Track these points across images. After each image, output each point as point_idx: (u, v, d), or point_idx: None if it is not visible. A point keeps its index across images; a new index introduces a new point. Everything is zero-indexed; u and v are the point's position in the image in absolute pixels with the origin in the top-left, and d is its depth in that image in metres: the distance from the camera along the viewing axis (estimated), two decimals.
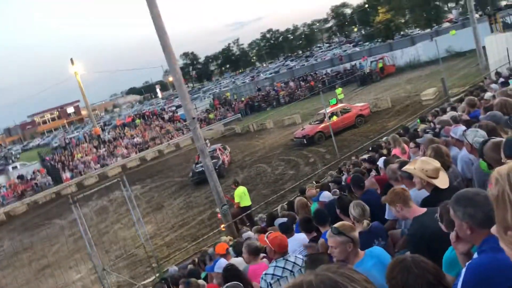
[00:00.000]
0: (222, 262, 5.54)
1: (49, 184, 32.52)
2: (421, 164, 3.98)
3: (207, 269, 5.88)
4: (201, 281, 6.01)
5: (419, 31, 59.92)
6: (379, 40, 62.80)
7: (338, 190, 6.54)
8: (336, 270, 0.95)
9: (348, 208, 4.40)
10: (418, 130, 8.91)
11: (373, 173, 7.44)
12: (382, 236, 4.17)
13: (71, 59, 41.73)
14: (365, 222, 3.92)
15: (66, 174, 32.76)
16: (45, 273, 16.28)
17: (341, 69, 43.61)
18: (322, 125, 22.21)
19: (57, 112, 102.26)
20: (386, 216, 4.96)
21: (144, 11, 11.63)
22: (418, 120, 10.68)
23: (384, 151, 9.81)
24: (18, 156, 64.61)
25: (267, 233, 4.69)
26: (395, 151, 7.81)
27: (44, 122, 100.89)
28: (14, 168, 40.05)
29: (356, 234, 3.19)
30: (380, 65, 37.30)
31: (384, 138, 11.87)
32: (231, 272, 4.54)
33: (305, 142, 22.08)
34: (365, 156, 10.76)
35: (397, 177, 5.07)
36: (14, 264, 18.63)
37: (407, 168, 4.21)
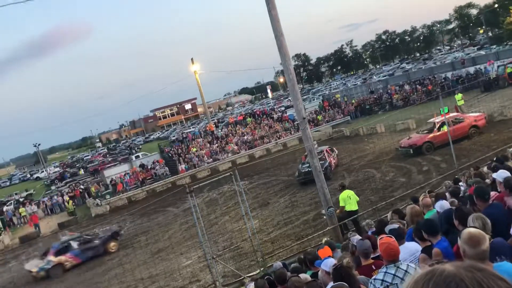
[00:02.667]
0: (330, 262, 5.55)
1: (166, 174, 35.10)
2: None
3: (317, 263, 5.96)
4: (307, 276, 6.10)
5: None
6: (509, 43, 57.31)
7: (456, 201, 6.15)
8: (473, 271, 0.85)
9: (467, 220, 4.16)
10: None
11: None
12: (506, 253, 3.86)
13: (192, 59, 44.45)
14: (487, 236, 3.67)
15: (182, 166, 35.07)
16: (159, 256, 17.64)
17: (463, 73, 40.56)
18: (431, 134, 20.94)
19: (176, 108, 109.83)
20: (511, 232, 4.58)
21: (260, 13, 12.05)
22: None
23: (510, 163, 8.98)
24: (140, 147, 70.64)
25: (381, 236, 4.61)
26: None
27: (164, 117, 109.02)
28: (137, 157, 43.83)
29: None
30: (508, 70, 33.93)
31: (511, 149, 10.84)
32: (340, 272, 4.54)
33: (412, 152, 20.96)
34: (485, 168, 9.94)
35: None
36: (133, 245, 20.50)
37: None
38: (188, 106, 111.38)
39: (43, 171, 72.40)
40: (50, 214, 35.53)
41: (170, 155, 38.30)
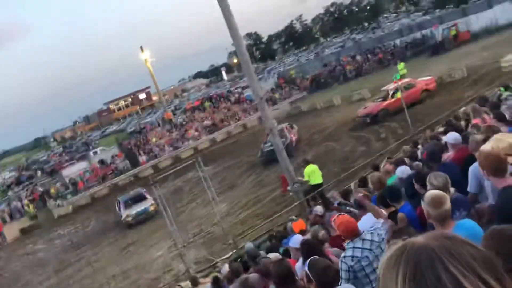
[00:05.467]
0: (297, 238, 5.63)
1: (127, 167, 34.38)
2: (495, 142, 3.77)
3: (284, 242, 6.03)
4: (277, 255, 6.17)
5: None
6: (451, 6, 59.16)
7: (420, 163, 6.34)
8: (442, 240, 0.89)
9: (426, 181, 4.26)
10: (501, 98, 8.37)
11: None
12: (464, 207, 4.01)
13: (141, 47, 43.36)
14: (452, 189, 3.78)
15: (142, 158, 34.45)
16: (129, 251, 17.41)
17: (410, 39, 41.64)
18: (386, 102, 21.49)
19: (130, 99, 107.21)
20: (468, 189, 4.76)
21: None
22: (502, 88, 9.96)
23: (462, 123, 9.33)
24: (97, 142, 68.71)
25: (333, 218, 4.65)
26: (475, 122, 7.42)
27: (119, 109, 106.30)
28: (95, 153, 42.68)
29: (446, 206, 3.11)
30: (453, 32, 35.10)
31: (462, 109, 11.26)
32: (309, 247, 4.61)
33: (369, 121, 21.47)
34: (441, 129, 10.30)
35: None
36: (101, 242, 20.10)
37: (484, 148, 4.00)
38: (142, 96, 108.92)
39: None
40: (9, 220, 34.17)
41: (130, 147, 37.54)
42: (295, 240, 5.54)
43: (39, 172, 57.85)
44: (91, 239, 21.27)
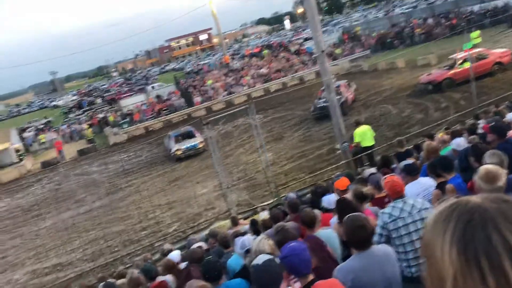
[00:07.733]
0: (328, 198, 5.70)
1: (182, 105, 35.23)
2: None
3: (323, 199, 6.12)
4: (316, 211, 6.28)
5: None
6: None
7: (476, 137, 6.12)
8: (499, 202, 0.85)
9: (482, 157, 4.15)
10: None
11: None
12: None
13: None
14: (503, 173, 3.67)
15: (197, 98, 35.09)
16: (176, 184, 18.20)
17: (491, 6, 38.63)
18: (453, 71, 20.33)
19: (192, 39, 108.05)
20: None
21: None
22: None
23: None
24: (156, 77, 70.42)
25: (384, 177, 4.65)
26: None
27: (179, 47, 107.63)
28: (153, 88, 43.91)
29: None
30: None
31: None
32: (343, 205, 4.66)
33: (431, 88, 20.49)
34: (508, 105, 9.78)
35: None
36: (151, 173, 21.10)
37: None
38: (203, 37, 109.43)
39: (61, 99, 73.20)
40: (68, 141, 36.36)
41: (186, 86, 38.24)
42: (327, 200, 5.62)
43: (99, 99, 60.47)
44: (142, 169, 22.33)
